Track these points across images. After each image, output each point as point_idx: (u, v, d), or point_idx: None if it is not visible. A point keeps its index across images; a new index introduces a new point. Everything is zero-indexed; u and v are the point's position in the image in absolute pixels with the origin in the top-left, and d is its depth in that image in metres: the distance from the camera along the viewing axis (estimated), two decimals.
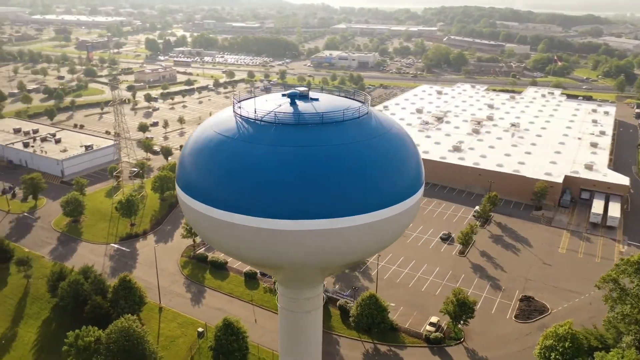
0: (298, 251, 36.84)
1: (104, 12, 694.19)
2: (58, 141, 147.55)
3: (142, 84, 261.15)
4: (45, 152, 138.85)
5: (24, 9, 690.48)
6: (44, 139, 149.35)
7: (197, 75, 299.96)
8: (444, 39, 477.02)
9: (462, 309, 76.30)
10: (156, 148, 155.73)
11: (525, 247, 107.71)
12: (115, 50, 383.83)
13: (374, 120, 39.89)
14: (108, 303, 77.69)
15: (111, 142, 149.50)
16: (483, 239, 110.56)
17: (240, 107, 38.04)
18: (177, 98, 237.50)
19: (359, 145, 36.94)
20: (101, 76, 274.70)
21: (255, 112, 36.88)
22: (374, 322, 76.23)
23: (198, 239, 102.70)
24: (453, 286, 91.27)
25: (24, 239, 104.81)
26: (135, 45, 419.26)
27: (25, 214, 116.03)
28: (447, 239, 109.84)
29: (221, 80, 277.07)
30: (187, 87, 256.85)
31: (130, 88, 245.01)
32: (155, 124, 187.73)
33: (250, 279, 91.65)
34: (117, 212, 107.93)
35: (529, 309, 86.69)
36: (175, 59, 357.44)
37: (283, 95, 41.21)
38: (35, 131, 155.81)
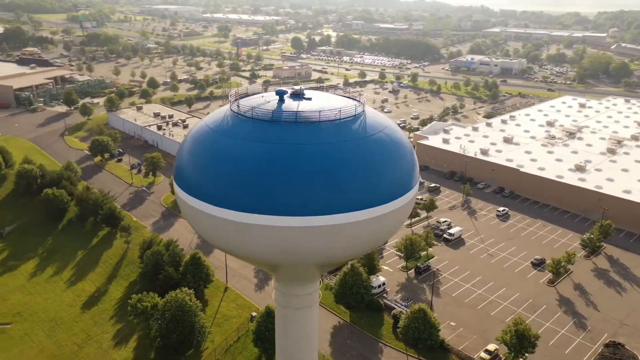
0: (293, 248, 37.66)
1: (264, 12, 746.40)
2: (186, 126, 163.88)
3: (277, 79, 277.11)
4: (172, 135, 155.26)
5: (199, 8, 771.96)
6: (175, 124, 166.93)
7: (332, 74, 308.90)
8: (612, 47, 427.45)
9: (520, 341, 69.44)
10: None
11: (635, 287, 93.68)
12: (264, 48, 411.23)
13: (368, 119, 39.85)
14: (179, 275, 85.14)
15: None
16: (584, 271, 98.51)
17: (237, 105, 38.90)
18: None
19: (354, 143, 37.04)
20: (244, 70, 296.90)
21: (251, 110, 37.51)
22: (420, 337, 72.96)
23: None
24: (528, 316, 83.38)
25: (135, 210, 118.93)
26: (284, 43, 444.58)
27: (143, 188, 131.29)
28: (539, 264, 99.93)
29: (351, 80, 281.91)
30: (316, 85, 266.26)
31: (265, 83, 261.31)
32: None
33: None
34: None
35: (614, 357, 75.54)
36: (299, 57, 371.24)
37: (283, 92, 42.06)
38: (171, 116, 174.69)
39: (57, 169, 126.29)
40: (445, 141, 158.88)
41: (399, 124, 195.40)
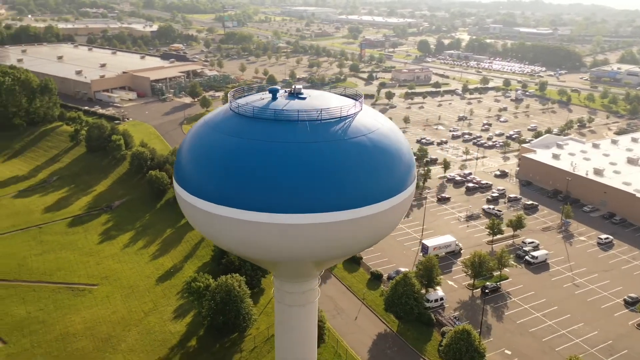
0: (291, 245, 38.78)
1: (399, 14, 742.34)
2: None
3: (393, 82, 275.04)
4: None
5: (336, 9, 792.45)
6: None
7: (453, 78, 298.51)
8: None
9: None
10: None
11: None
12: (390, 50, 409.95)
13: (366, 118, 40.04)
14: (239, 262, 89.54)
15: None
16: None
17: (236, 104, 39.77)
18: (418, 99, 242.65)
19: (350, 141, 37.35)
20: (363, 72, 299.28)
21: (250, 109, 38.37)
22: (461, 358, 68.63)
23: None
24: (602, 358, 74.15)
25: None
26: (412, 45, 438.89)
27: None
28: (633, 303, 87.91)
29: (471, 86, 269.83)
30: (432, 89, 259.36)
31: (382, 85, 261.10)
32: None
33: (374, 279, 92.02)
34: None
35: None
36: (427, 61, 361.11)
37: (285, 92, 42.72)
38: None
39: (165, 154, 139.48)
40: (556, 157, 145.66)
41: (510, 136, 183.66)
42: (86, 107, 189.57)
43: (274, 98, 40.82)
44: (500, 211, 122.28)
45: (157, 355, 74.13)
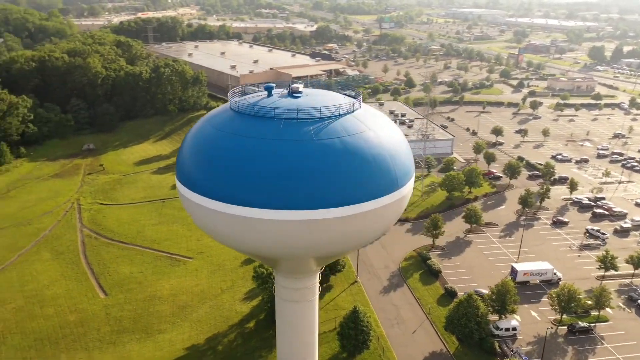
0: (290, 241, 40.69)
1: (580, 17, 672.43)
2: (410, 126, 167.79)
3: (547, 91, 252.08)
4: None
5: (507, 11, 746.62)
6: (402, 122, 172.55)
7: (623, 90, 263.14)
8: None
9: None
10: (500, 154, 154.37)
11: None
12: (557, 56, 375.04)
13: (366, 116, 40.79)
14: None
15: (450, 137, 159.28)
16: None
17: (235, 102, 41.23)
18: (570, 111, 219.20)
19: (348, 139, 38.20)
20: (514, 78, 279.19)
21: (249, 108, 39.77)
22: None
23: (437, 241, 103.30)
24: None
25: None
26: (584, 52, 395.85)
27: None
28: None
29: None
30: (591, 102, 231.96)
31: (531, 94, 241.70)
32: (520, 131, 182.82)
33: (447, 296, 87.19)
34: None
35: None
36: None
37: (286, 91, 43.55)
38: (403, 115, 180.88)
39: None
40: None
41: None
42: None
43: (269, 95, 42.03)
44: (605, 234, 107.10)
45: (218, 330, 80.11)
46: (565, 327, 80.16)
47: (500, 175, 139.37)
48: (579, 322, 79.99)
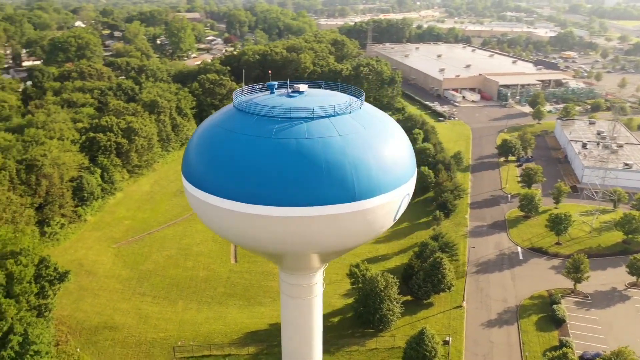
0: (294, 237, 43.56)
1: None
2: (615, 151, 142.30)
3: None
4: (584, 155, 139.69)
5: None
6: (606, 146, 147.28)
7: None
8: None
9: None
10: None
11: None
12: None
13: (368, 115, 41.57)
14: (419, 267, 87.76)
15: None
16: None
17: (240, 102, 42.46)
18: None
19: (352, 137, 38.96)
20: None
21: (253, 107, 40.98)
22: None
23: (581, 286, 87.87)
24: None
25: (478, 209, 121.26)
26: None
27: (509, 194, 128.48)
28: None
29: None
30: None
31: None
32: None
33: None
34: (549, 224, 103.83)
35: None
36: None
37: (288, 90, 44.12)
38: (613, 138, 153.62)
39: (449, 153, 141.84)
40: None
41: None
42: (427, 102, 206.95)
43: (271, 93, 43.39)
44: None
45: None
46: None
47: None
48: None
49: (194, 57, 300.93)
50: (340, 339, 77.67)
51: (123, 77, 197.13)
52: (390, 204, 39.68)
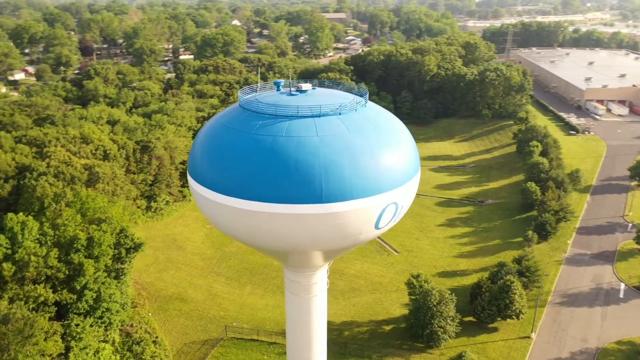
0: (300, 234, 45.24)
1: None
2: None
3: None
4: None
5: None
6: None
7: None
8: None
9: None
10: None
11: None
12: None
13: (371, 113, 41.93)
14: (486, 287, 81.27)
15: None
16: None
17: (245, 101, 43.07)
18: None
19: (355, 135, 39.65)
20: None
21: (258, 105, 41.58)
22: None
23: None
24: None
25: (585, 235, 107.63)
26: None
27: (631, 222, 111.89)
28: None
29: None
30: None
31: None
32: None
33: None
34: None
35: None
36: None
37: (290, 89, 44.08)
38: None
39: (569, 171, 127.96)
40: None
41: None
42: (562, 113, 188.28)
43: (286, 94, 43.81)
44: None
45: (357, 319, 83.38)
46: None
47: None
48: None
49: (330, 57, 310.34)
50: (386, 347, 75.68)
51: (254, 73, 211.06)
52: (367, 211, 38.08)
